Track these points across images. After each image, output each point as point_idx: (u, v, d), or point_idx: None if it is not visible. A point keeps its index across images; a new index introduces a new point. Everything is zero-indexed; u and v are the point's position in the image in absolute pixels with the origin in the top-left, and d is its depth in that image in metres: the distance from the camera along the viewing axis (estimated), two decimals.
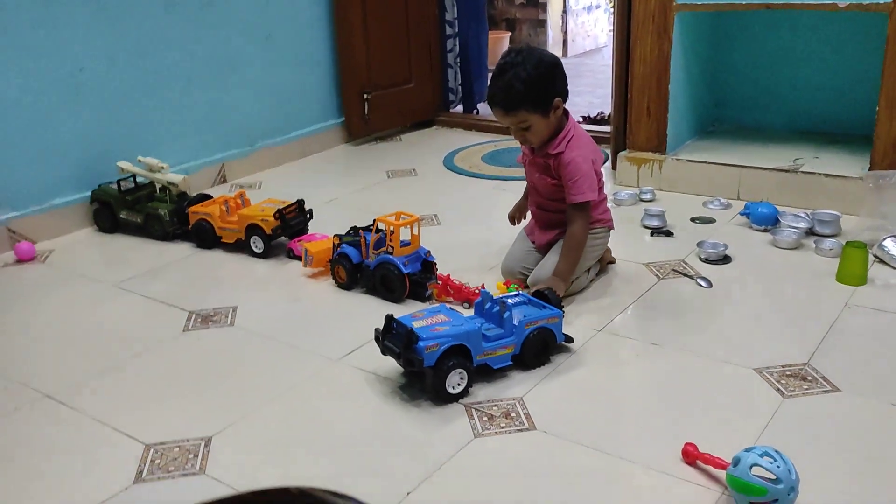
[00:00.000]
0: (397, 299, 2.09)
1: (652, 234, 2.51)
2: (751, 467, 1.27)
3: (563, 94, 2.00)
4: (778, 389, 1.64)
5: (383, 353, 1.71)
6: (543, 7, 6.48)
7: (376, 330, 1.73)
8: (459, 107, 4.23)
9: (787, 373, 1.70)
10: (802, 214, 2.49)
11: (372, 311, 2.02)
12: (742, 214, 2.57)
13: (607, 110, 3.80)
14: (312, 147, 3.61)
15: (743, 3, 2.64)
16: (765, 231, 2.47)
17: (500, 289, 2.07)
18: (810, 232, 2.43)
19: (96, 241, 2.70)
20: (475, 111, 4.20)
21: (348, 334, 1.93)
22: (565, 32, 6.75)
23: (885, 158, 2.50)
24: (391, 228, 2.09)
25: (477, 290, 2.00)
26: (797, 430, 1.51)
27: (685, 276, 2.20)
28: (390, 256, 2.08)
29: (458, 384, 1.65)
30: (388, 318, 1.70)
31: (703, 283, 2.14)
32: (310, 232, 2.53)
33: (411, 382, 1.72)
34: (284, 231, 2.44)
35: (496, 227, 2.49)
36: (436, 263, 2.15)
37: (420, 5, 3.89)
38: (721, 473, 1.36)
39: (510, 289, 2.03)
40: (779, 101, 3.16)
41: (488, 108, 2.14)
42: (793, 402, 1.60)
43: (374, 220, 2.17)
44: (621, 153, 3.00)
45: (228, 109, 3.23)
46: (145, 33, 2.88)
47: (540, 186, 2.13)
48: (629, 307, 2.05)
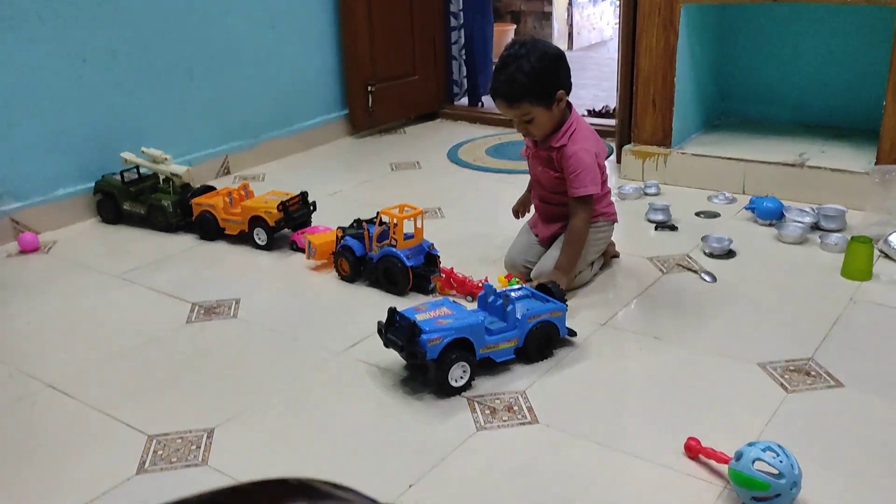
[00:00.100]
0: (400, 292, 2.09)
1: (656, 229, 2.50)
2: (753, 462, 1.27)
3: (567, 87, 1.99)
4: (781, 384, 1.63)
5: (386, 345, 1.70)
6: None
7: (379, 323, 1.73)
8: (464, 99, 4.22)
9: (791, 368, 1.69)
10: (808, 209, 2.48)
11: (375, 303, 2.02)
12: (747, 209, 2.56)
13: (612, 104, 3.79)
14: (316, 139, 3.60)
15: None
16: (770, 225, 2.46)
17: (501, 282, 2.06)
18: (815, 227, 2.42)
19: (100, 232, 2.70)
20: (480, 104, 4.19)
21: (351, 327, 1.93)
22: (571, 25, 6.73)
23: (892, 153, 2.49)
24: (395, 221, 2.09)
25: (480, 284, 2.00)
26: (800, 425, 1.51)
27: (689, 270, 2.19)
28: (394, 249, 2.08)
29: (461, 377, 1.64)
30: (391, 311, 1.69)
31: (707, 278, 2.14)
32: (313, 224, 2.53)
33: (414, 375, 1.72)
34: (288, 223, 2.44)
35: (500, 220, 2.49)
36: (439, 256, 2.15)
37: None
38: (723, 468, 1.36)
39: (511, 282, 2.03)
40: (785, 95, 3.14)
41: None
42: (796, 397, 1.59)
43: (378, 213, 2.17)
44: (626, 147, 2.99)
45: (232, 101, 3.23)
46: (148, 24, 2.87)
47: (543, 180, 2.12)
48: (633, 301, 2.04)
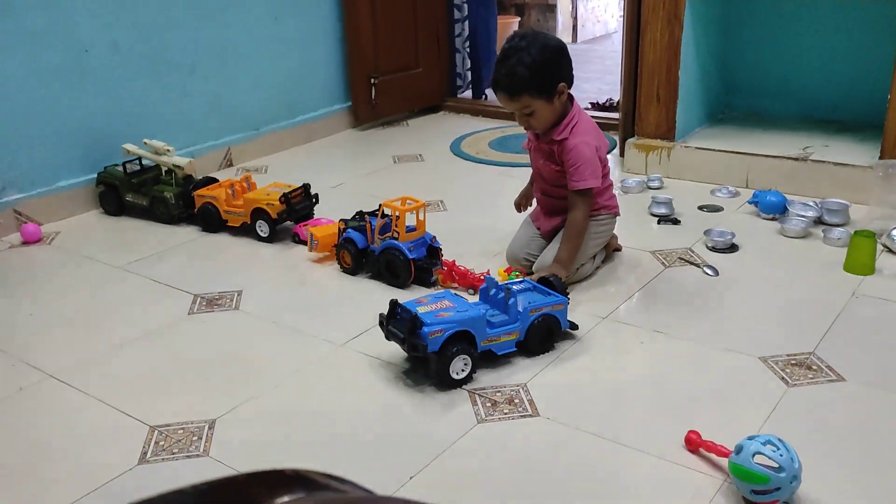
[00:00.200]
0: (402, 284, 2.09)
1: (659, 222, 2.50)
2: (753, 455, 1.27)
3: (568, 80, 1.99)
4: (783, 378, 1.63)
5: (387, 338, 1.70)
6: None
7: (381, 315, 1.73)
8: (467, 92, 4.21)
9: (793, 362, 1.69)
10: (811, 203, 2.48)
11: (377, 296, 2.02)
12: (750, 203, 2.55)
13: (616, 97, 3.78)
14: (319, 131, 3.60)
15: None
16: (773, 219, 2.46)
17: (502, 275, 2.06)
18: (818, 221, 2.41)
19: (102, 223, 2.70)
20: (483, 97, 4.18)
21: (353, 319, 1.93)
22: (575, 18, 6.71)
23: None
24: (397, 214, 2.09)
25: (482, 276, 1.99)
26: (801, 419, 1.51)
27: (692, 264, 2.19)
28: (396, 242, 2.08)
29: (462, 370, 1.65)
30: (393, 304, 1.70)
31: (709, 272, 2.13)
32: (315, 216, 2.53)
33: (415, 368, 1.72)
34: (290, 215, 2.44)
35: (502, 213, 2.48)
36: (441, 249, 2.15)
37: None
38: (723, 461, 1.36)
39: (511, 276, 2.02)
40: (789, 89, 3.13)
41: None
42: (797, 390, 1.59)
43: (380, 206, 2.17)
44: (629, 140, 2.98)
45: (235, 93, 3.23)
46: (150, 15, 2.87)
47: (545, 173, 2.12)
48: (635, 295, 2.04)
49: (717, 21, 3.05)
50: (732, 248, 2.27)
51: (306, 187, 2.52)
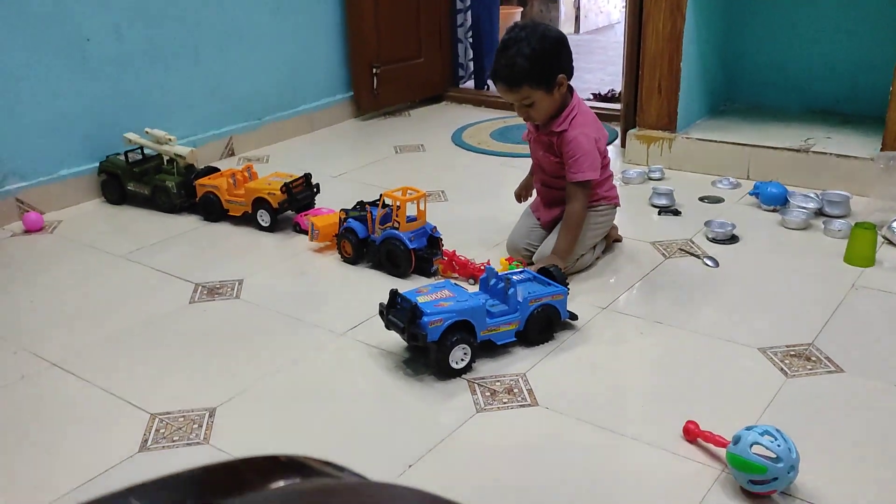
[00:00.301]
0: (402, 274, 2.09)
1: (660, 213, 2.50)
2: (751, 445, 1.27)
3: (568, 71, 1.98)
4: (781, 369, 1.64)
5: (387, 327, 1.71)
6: None
7: (381, 304, 1.73)
8: (469, 82, 4.20)
9: (792, 353, 1.69)
10: (812, 195, 2.47)
11: (377, 285, 2.02)
12: (751, 194, 2.55)
13: (618, 88, 3.77)
14: (320, 121, 3.60)
15: None
16: (774, 211, 2.46)
17: (503, 265, 2.06)
18: (819, 212, 2.41)
19: (104, 212, 2.71)
20: (486, 87, 4.17)
21: (353, 308, 1.94)
22: (577, 8, 6.68)
23: None
24: (398, 204, 2.09)
25: (482, 267, 2.00)
26: (799, 410, 1.51)
27: (692, 255, 2.19)
28: (396, 232, 2.08)
29: (462, 359, 1.65)
30: (393, 293, 1.70)
31: (709, 263, 2.14)
32: (316, 206, 2.53)
33: (415, 357, 1.73)
34: (291, 205, 2.44)
35: (503, 203, 2.49)
36: (442, 239, 2.15)
37: None
38: (721, 451, 1.37)
39: (511, 266, 2.03)
40: (792, 81, 3.12)
41: None
42: (796, 381, 1.60)
43: (381, 196, 2.17)
44: (631, 131, 2.98)
45: (236, 82, 3.22)
46: (153, 3, 2.86)
47: (544, 164, 2.11)
48: (635, 285, 2.04)
49: (719, 12, 3.04)
50: (733, 239, 2.27)
51: (307, 177, 2.52)
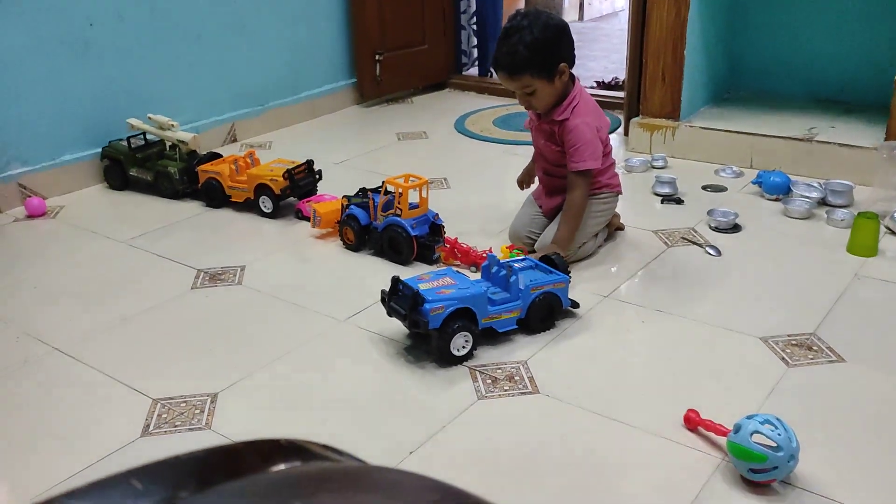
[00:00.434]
0: (404, 261, 2.09)
1: (662, 202, 2.49)
2: (752, 434, 1.28)
3: (570, 60, 1.97)
4: (783, 358, 1.64)
5: (389, 314, 1.71)
6: None
7: (382, 291, 1.74)
8: (473, 69, 4.19)
9: (793, 342, 1.69)
10: (815, 184, 2.47)
11: (379, 272, 2.03)
12: (754, 183, 2.54)
13: (622, 75, 3.76)
14: (323, 108, 3.59)
15: None
16: (777, 200, 2.45)
17: (504, 253, 2.06)
18: (822, 202, 2.41)
19: (106, 197, 2.71)
20: (489, 74, 4.15)
21: (355, 295, 1.94)
22: None
23: None
24: (400, 191, 2.09)
25: (484, 254, 2.00)
26: (800, 399, 1.51)
27: (694, 244, 2.19)
28: (398, 219, 2.08)
29: (463, 347, 1.65)
30: (395, 280, 1.70)
31: (711, 252, 2.13)
32: (319, 193, 2.53)
33: (416, 344, 1.73)
34: (293, 191, 2.44)
35: (505, 191, 2.48)
36: (444, 226, 2.15)
37: None
38: (722, 440, 1.37)
39: (512, 254, 2.03)
40: (795, 70, 3.11)
41: None
42: (797, 371, 1.60)
43: (383, 182, 2.17)
44: (634, 119, 2.97)
45: (239, 68, 3.22)
46: None
47: (546, 153, 2.11)
48: (637, 274, 2.04)
49: (723, 0, 3.02)
50: (735, 228, 2.27)
51: (310, 163, 2.51)
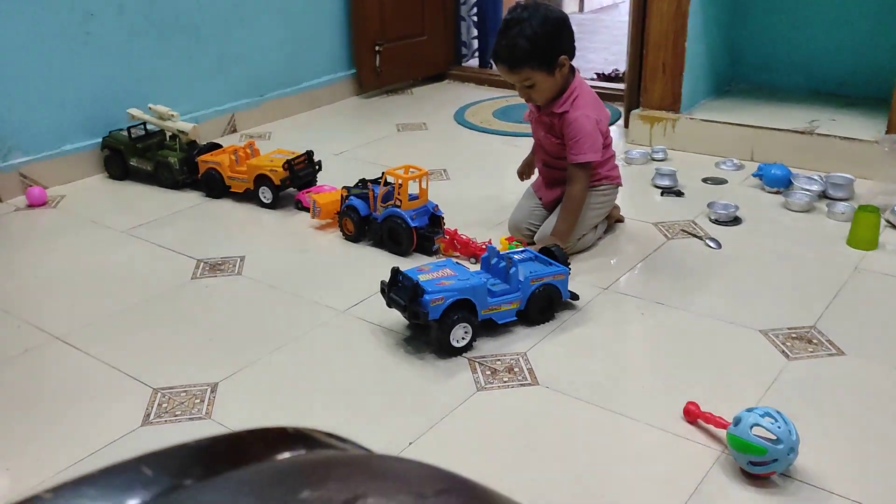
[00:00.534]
0: (404, 252, 2.09)
1: (662, 194, 2.49)
2: (751, 427, 1.28)
3: (570, 52, 1.97)
4: (783, 351, 1.64)
5: (389, 305, 1.71)
6: None
7: (382, 282, 1.74)
8: (473, 60, 4.18)
9: (793, 335, 1.70)
10: (816, 177, 2.47)
11: (378, 263, 2.03)
12: (755, 176, 2.54)
13: (622, 67, 3.75)
14: (323, 98, 3.58)
15: None
16: (777, 193, 2.45)
17: (503, 244, 2.06)
18: (823, 195, 2.41)
19: (107, 187, 2.70)
20: (490, 65, 4.14)
21: (354, 286, 1.94)
22: None
23: None
24: (400, 182, 2.08)
25: (484, 246, 2.00)
26: (800, 392, 1.52)
27: (694, 236, 2.19)
28: (398, 210, 2.08)
29: (463, 338, 1.65)
30: (395, 271, 1.70)
31: (712, 244, 2.13)
32: (318, 183, 2.52)
33: (416, 335, 1.73)
34: (293, 182, 2.44)
35: (505, 182, 2.48)
36: (443, 218, 2.15)
37: None
38: (721, 432, 1.37)
39: (511, 245, 2.03)
40: (796, 62, 3.10)
41: None
42: (797, 364, 1.60)
43: (383, 173, 2.16)
44: (634, 111, 2.97)
45: (239, 58, 3.21)
46: None
47: (546, 145, 2.11)
48: (636, 266, 2.04)
49: None
50: (736, 221, 2.27)
51: (310, 154, 2.51)
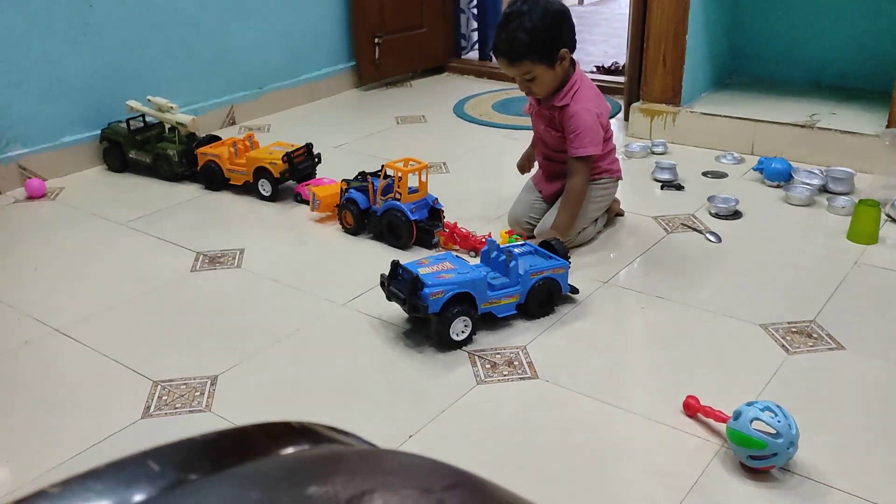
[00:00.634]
0: (404, 246, 2.09)
1: (662, 188, 2.49)
2: (751, 421, 1.28)
3: (570, 45, 1.96)
4: (783, 345, 1.64)
5: (388, 298, 1.71)
6: None
7: (382, 276, 1.73)
8: (472, 53, 4.17)
9: (793, 329, 1.70)
10: (816, 171, 2.46)
11: (378, 256, 2.02)
12: (755, 170, 2.54)
13: (622, 60, 3.74)
14: (322, 91, 3.57)
15: None
16: (777, 187, 2.45)
17: (503, 238, 2.06)
18: (823, 189, 2.41)
19: (106, 179, 2.70)
20: (489, 58, 4.14)
21: (354, 279, 1.94)
22: None
23: None
24: (399, 175, 2.08)
25: (483, 239, 1.99)
26: (800, 387, 1.52)
27: (694, 230, 2.19)
28: (398, 203, 2.07)
29: (463, 331, 1.65)
30: (394, 264, 1.70)
31: (712, 238, 2.13)
32: (318, 176, 2.52)
33: (416, 328, 1.73)
34: (292, 175, 2.43)
35: (505, 175, 2.48)
36: (443, 211, 2.14)
37: None
38: (721, 426, 1.37)
39: (511, 239, 2.03)
40: (797, 56, 3.09)
41: None
42: (797, 358, 1.60)
43: (383, 166, 2.16)
44: (634, 104, 2.96)
45: (238, 50, 3.20)
46: None
47: (546, 138, 2.10)
48: (636, 260, 2.04)
49: None
50: (736, 214, 2.27)
51: (309, 147, 2.51)
